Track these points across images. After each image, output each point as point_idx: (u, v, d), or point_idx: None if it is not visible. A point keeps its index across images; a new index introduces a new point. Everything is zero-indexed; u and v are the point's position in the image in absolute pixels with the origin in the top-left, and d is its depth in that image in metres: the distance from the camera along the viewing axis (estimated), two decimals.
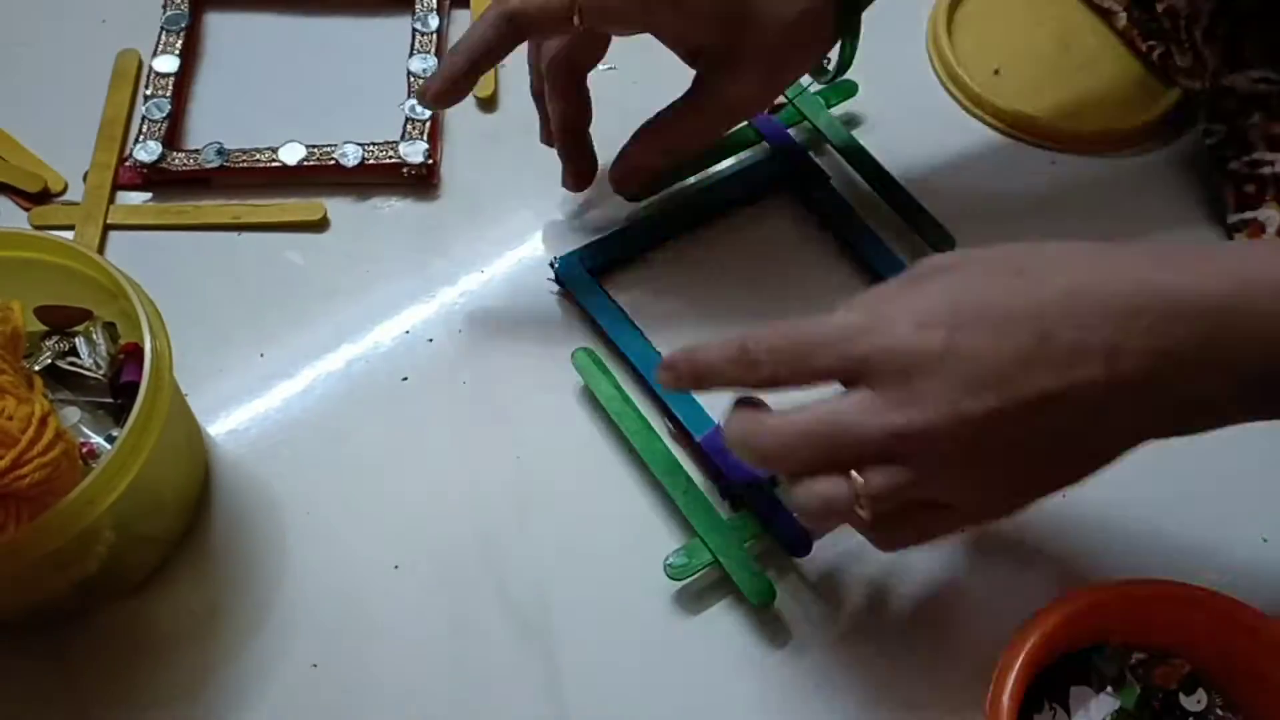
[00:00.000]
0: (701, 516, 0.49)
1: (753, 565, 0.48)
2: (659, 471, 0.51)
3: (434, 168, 0.61)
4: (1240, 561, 0.51)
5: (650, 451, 0.51)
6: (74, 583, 0.46)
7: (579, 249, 0.57)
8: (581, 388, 0.54)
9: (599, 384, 0.53)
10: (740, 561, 0.48)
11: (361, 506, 0.52)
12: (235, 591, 0.49)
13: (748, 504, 0.50)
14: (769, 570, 0.49)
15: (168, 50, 0.63)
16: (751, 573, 0.48)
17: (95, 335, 0.50)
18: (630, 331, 0.55)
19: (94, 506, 0.41)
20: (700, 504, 0.50)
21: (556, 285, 0.57)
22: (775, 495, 0.50)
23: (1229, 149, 0.59)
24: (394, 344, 0.56)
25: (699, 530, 0.49)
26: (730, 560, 0.48)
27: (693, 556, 0.49)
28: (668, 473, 0.51)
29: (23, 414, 0.41)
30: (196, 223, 0.59)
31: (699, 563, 0.49)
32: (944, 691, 0.48)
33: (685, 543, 0.49)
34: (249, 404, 0.54)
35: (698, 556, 0.49)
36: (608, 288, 0.56)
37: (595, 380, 0.53)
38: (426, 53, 0.64)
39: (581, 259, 0.57)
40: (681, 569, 0.48)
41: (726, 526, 0.49)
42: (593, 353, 0.54)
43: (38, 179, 0.59)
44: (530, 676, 0.48)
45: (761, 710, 0.48)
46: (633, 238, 0.58)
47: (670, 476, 0.50)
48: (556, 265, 0.57)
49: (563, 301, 0.57)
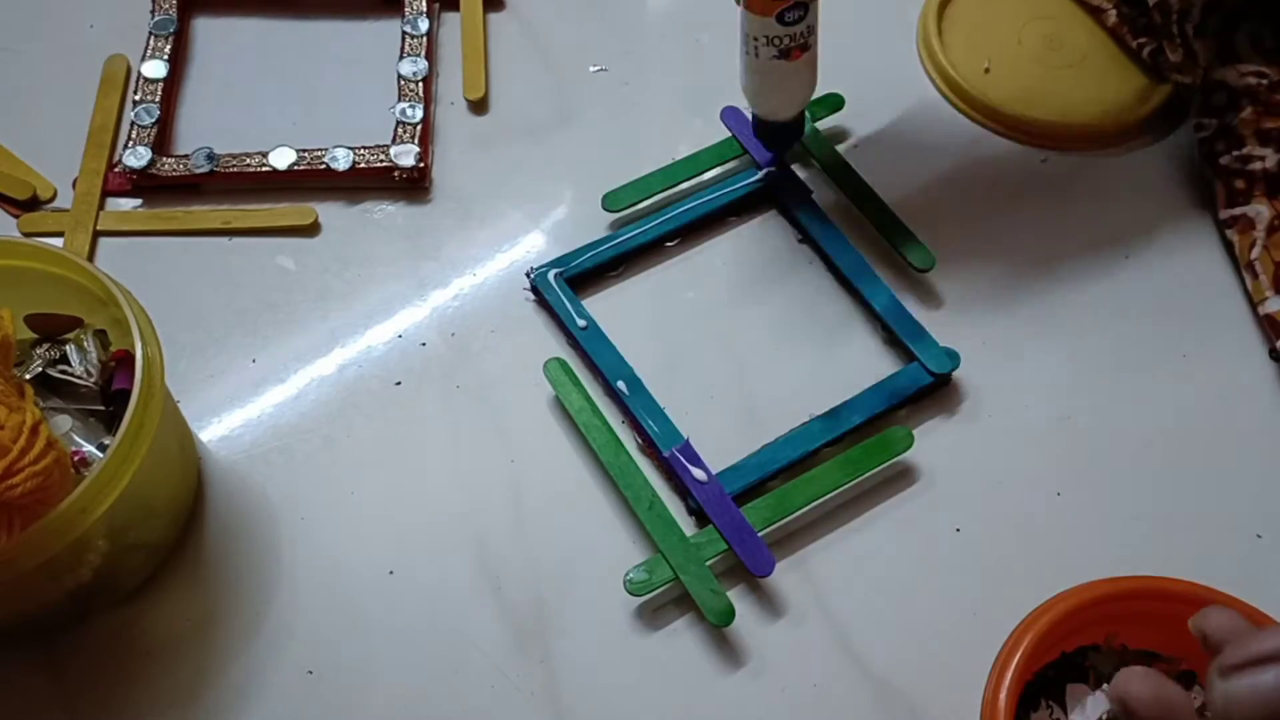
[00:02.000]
0: (664, 532, 0.49)
1: (713, 584, 0.48)
2: (624, 486, 0.50)
3: (425, 171, 0.61)
4: (1235, 558, 0.51)
5: (616, 465, 0.51)
6: (67, 591, 0.46)
7: (556, 259, 0.57)
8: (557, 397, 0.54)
9: (569, 395, 0.53)
10: (701, 579, 0.48)
11: (355, 512, 0.51)
12: (229, 598, 0.49)
13: (712, 521, 0.50)
14: (733, 589, 0.49)
15: (156, 55, 0.63)
16: (712, 591, 0.48)
17: (86, 343, 0.50)
18: (603, 343, 0.54)
19: (86, 515, 0.41)
20: (664, 520, 0.49)
21: (532, 295, 0.57)
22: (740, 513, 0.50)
23: (1219, 144, 0.59)
24: (386, 348, 0.56)
25: (661, 546, 0.49)
26: (691, 578, 0.48)
27: (653, 573, 0.48)
28: (632, 487, 0.50)
29: (14, 423, 0.40)
30: (187, 228, 0.59)
31: (659, 580, 0.48)
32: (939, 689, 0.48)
33: (648, 558, 0.49)
34: (241, 410, 0.54)
35: (659, 573, 0.48)
36: (587, 297, 0.56)
37: (566, 391, 0.53)
38: (416, 56, 0.64)
39: (559, 269, 0.56)
40: (641, 585, 0.48)
41: (689, 544, 0.49)
42: (564, 364, 0.53)
43: (26, 186, 0.59)
44: (526, 680, 0.48)
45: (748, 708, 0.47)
46: (612, 249, 0.58)
47: (635, 491, 0.50)
48: (532, 275, 0.57)
49: (540, 311, 0.57)
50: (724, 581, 0.49)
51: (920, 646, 0.49)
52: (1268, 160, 0.57)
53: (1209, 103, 0.60)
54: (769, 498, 0.50)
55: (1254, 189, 0.58)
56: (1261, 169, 0.58)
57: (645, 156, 0.59)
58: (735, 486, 0.51)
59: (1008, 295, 0.56)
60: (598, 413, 0.52)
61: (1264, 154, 0.58)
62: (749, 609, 0.49)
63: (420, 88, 0.62)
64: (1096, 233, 0.60)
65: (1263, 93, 0.58)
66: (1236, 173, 0.59)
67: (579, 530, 0.51)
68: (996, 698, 0.42)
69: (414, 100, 0.62)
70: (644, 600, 0.49)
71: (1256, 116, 0.58)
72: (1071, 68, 0.65)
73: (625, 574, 0.48)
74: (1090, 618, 0.45)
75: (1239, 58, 0.59)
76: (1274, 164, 0.57)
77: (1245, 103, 0.58)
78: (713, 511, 0.50)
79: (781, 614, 0.49)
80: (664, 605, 0.50)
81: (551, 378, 0.53)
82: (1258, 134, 0.58)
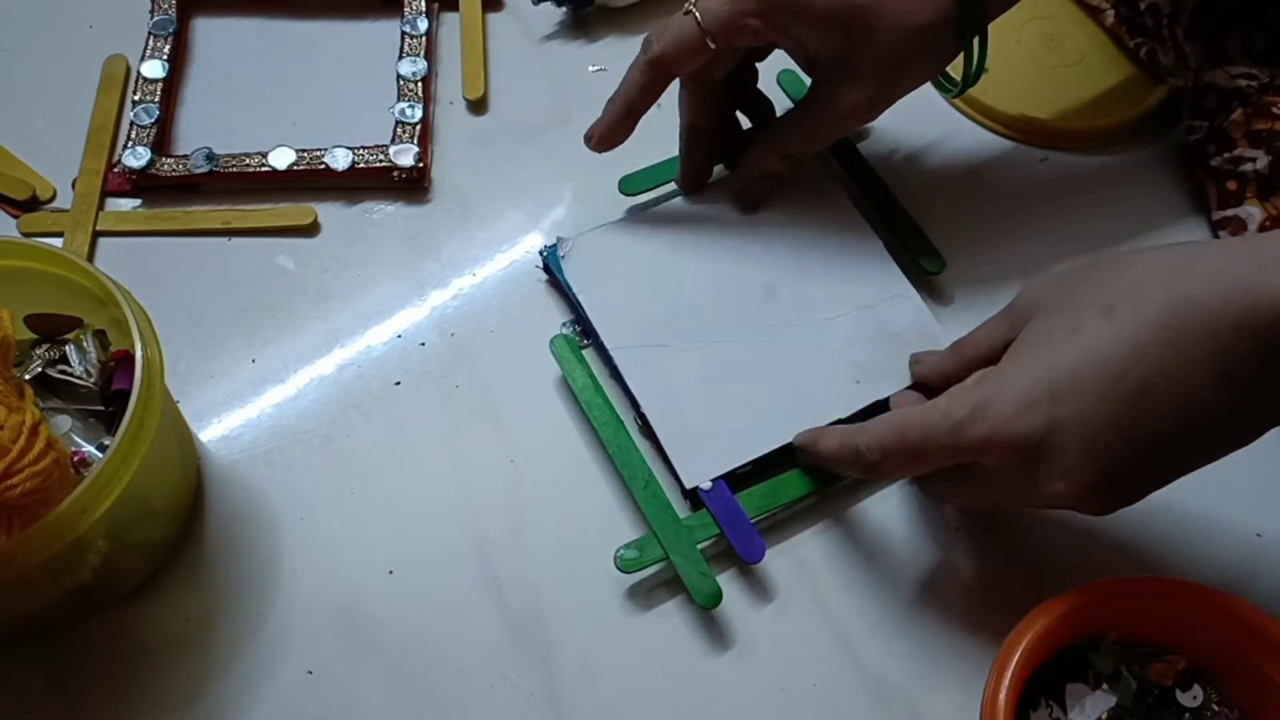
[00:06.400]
0: (658, 512, 0.49)
1: (703, 566, 0.48)
2: (621, 464, 0.51)
3: (424, 171, 0.61)
4: (1235, 557, 0.51)
5: (615, 443, 0.51)
6: (67, 591, 0.46)
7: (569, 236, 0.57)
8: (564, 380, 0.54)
9: (574, 372, 0.53)
10: (691, 561, 0.48)
11: (355, 512, 0.51)
12: (229, 598, 0.49)
13: (706, 505, 0.50)
14: (724, 572, 0.50)
15: (156, 55, 0.63)
16: (701, 573, 0.48)
17: (86, 343, 0.50)
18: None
19: (86, 515, 0.41)
20: (658, 500, 0.50)
21: (544, 274, 0.57)
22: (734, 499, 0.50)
23: (1211, 146, 0.60)
24: (386, 348, 0.56)
25: (654, 526, 0.49)
26: (681, 559, 0.48)
27: (644, 551, 0.49)
28: (629, 466, 0.51)
29: (13, 423, 0.40)
30: (186, 228, 0.59)
31: (649, 558, 0.49)
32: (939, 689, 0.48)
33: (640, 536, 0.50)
34: (241, 410, 0.54)
35: (649, 552, 0.49)
36: None
37: (571, 368, 0.53)
38: (416, 56, 0.63)
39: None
40: (631, 562, 0.49)
41: (681, 525, 0.49)
42: (571, 340, 0.54)
43: (26, 186, 0.59)
44: (526, 680, 0.48)
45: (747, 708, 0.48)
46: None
47: (631, 470, 0.51)
48: (545, 254, 0.57)
49: (551, 293, 0.57)
50: (715, 565, 0.49)
51: (920, 646, 0.49)
52: (1259, 162, 0.58)
53: (1200, 105, 0.60)
54: (764, 486, 0.51)
55: (1245, 190, 0.58)
56: (1253, 170, 0.58)
57: (646, 155, 0.59)
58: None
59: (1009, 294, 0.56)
60: (600, 391, 0.52)
61: (1255, 155, 0.58)
62: (739, 594, 0.50)
63: (419, 88, 0.62)
64: (1094, 232, 0.60)
65: (1253, 95, 0.58)
66: (1228, 174, 0.59)
67: (580, 526, 0.51)
68: (996, 697, 0.42)
69: (413, 100, 0.62)
70: (635, 582, 0.49)
71: (1247, 118, 0.58)
72: (1070, 67, 0.65)
73: (616, 550, 0.48)
74: (1090, 618, 0.45)
75: (1229, 60, 0.59)
76: (1265, 165, 0.57)
77: (1236, 105, 0.58)
78: (707, 496, 0.50)
79: (770, 599, 0.50)
80: (654, 586, 0.50)
81: (557, 354, 0.53)
82: (1248, 136, 0.58)
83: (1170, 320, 0.39)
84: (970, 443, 0.43)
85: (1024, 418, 0.41)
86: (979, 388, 0.43)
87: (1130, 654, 0.47)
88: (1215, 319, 0.38)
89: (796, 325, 0.54)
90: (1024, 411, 0.41)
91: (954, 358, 0.50)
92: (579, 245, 0.56)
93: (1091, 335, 0.41)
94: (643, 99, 0.53)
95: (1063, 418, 0.41)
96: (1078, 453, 0.40)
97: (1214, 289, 0.38)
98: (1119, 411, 0.40)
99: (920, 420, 0.44)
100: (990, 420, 0.42)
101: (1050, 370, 0.41)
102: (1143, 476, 0.42)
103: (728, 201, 0.58)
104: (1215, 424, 0.40)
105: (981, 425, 0.42)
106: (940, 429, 0.43)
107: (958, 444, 0.43)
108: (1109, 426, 0.40)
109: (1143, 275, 0.41)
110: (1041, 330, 0.43)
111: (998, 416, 0.42)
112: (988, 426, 0.42)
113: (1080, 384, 0.40)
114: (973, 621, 0.49)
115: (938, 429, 0.43)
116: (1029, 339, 0.44)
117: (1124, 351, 0.40)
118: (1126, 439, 0.40)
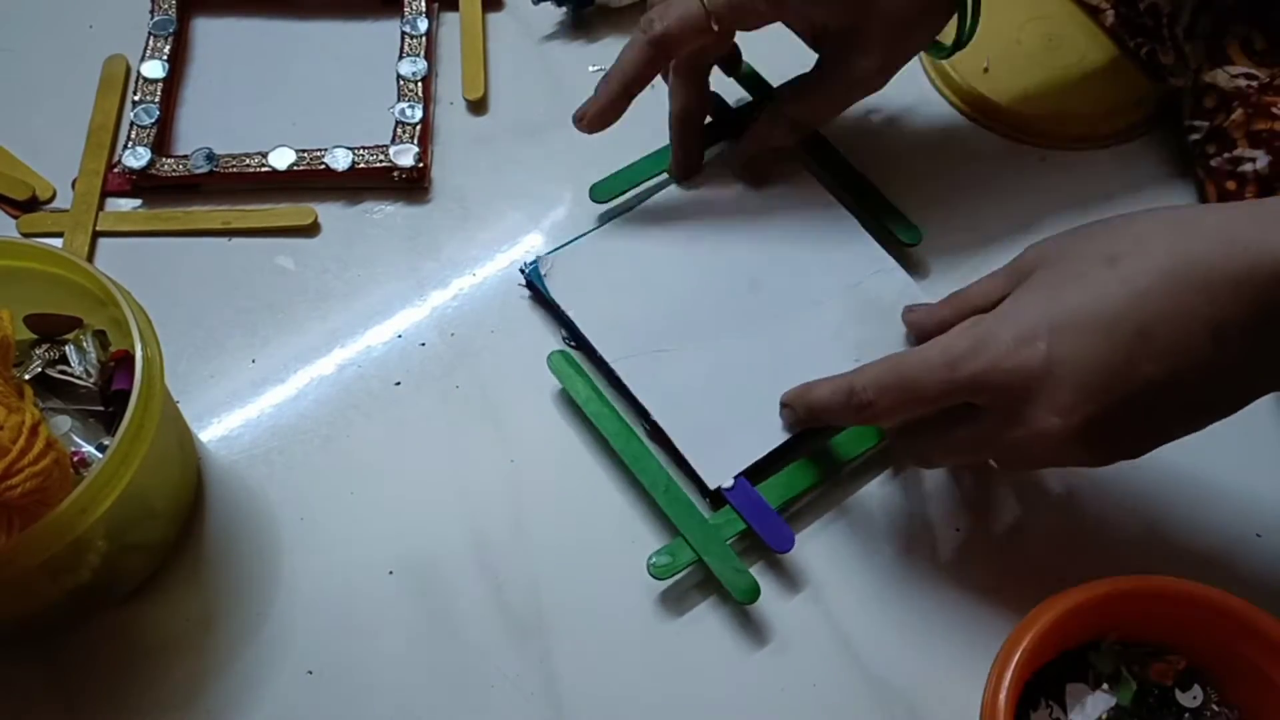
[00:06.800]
0: (683, 515, 0.49)
1: (736, 563, 0.48)
2: (638, 471, 0.51)
3: (424, 171, 0.61)
4: (1234, 557, 0.51)
5: (629, 452, 0.51)
6: (66, 591, 0.46)
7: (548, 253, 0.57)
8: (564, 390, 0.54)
9: (576, 386, 0.53)
10: (724, 559, 0.48)
11: (355, 512, 0.51)
12: (229, 598, 0.49)
13: (728, 502, 0.50)
14: (752, 567, 0.50)
15: (156, 55, 0.63)
16: (735, 570, 0.48)
17: (85, 343, 0.50)
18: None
19: (86, 515, 0.41)
20: (681, 503, 0.50)
21: (527, 290, 0.57)
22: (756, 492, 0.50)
23: (1211, 146, 0.59)
24: (386, 348, 0.56)
25: (681, 529, 0.49)
26: (714, 558, 0.48)
27: (676, 555, 0.49)
28: (647, 472, 0.51)
29: (13, 423, 0.40)
30: (186, 229, 0.59)
31: (682, 561, 0.49)
32: (939, 689, 0.48)
33: (668, 542, 0.49)
34: (241, 410, 0.54)
35: (681, 555, 0.49)
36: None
37: (571, 382, 0.53)
38: (416, 56, 0.63)
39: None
40: (665, 568, 0.48)
41: (708, 525, 0.49)
42: (568, 355, 0.53)
43: (26, 186, 0.59)
44: (526, 680, 0.48)
45: (746, 708, 0.48)
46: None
47: (650, 476, 0.50)
48: (527, 270, 0.56)
49: (537, 309, 0.57)
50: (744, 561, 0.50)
51: (920, 646, 0.49)
52: (1259, 162, 0.58)
53: (1200, 105, 0.60)
54: (779, 477, 0.51)
55: (1245, 190, 0.58)
56: (1253, 170, 0.58)
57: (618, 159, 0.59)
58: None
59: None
60: (605, 401, 0.52)
61: (1255, 155, 0.58)
62: (771, 586, 0.50)
63: (419, 88, 0.62)
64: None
65: (1253, 95, 0.58)
66: (1228, 174, 0.59)
67: (580, 525, 0.51)
68: (996, 697, 0.42)
69: (413, 100, 0.62)
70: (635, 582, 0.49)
71: (1247, 119, 0.58)
72: (1070, 67, 0.65)
73: (648, 559, 0.48)
74: (1090, 618, 0.45)
75: (1229, 60, 0.59)
76: (1265, 165, 0.57)
77: (1236, 105, 0.58)
78: (730, 494, 0.50)
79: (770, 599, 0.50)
80: (687, 589, 0.50)
81: (556, 370, 0.53)
82: (1249, 136, 0.58)
83: (1172, 271, 0.39)
84: (967, 376, 0.43)
85: (1022, 351, 0.41)
86: (978, 325, 0.44)
87: (1130, 654, 0.47)
88: (1215, 275, 0.39)
89: (787, 312, 0.55)
90: (1022, 345, 0.41)
91: (951, 307, 0.50)
92: (559, 262, 0.56)
93: (1094, 281, 0.41)
94: (639, 79, 0.52)
95: (1061, 353, 0.41)
96: (1072, 389, 0.41)
97: (1215, 246, 0.39)
98: (1115, 352, 0.40)
99: (917, 356, 0.44)
100: (988, 354, 0.42)
101: (1051, 310, 0.42)
102: (1136, 426, 0.42)
103: (717, 186, 0.58)
104: (1210, 380, 0.40)
105: (979, 359, 0.42)
106: (937, 363, 0.43)
107: (954, 378, 0.43)
108: (1105, 365, 0.40)
109: (1147, 230, 0.42)
110: (1044, 277, 0.43)
111: (996, 351, 0.42)
112: (986, 360, 0.42)
113: (1080, 323, 0.41)
114: (973, 622, 0.49)
115: (935, 363, 0.43)
116: (1031, 284, 0.44)
117: (1125, 297, 0.40)
118: (1121, 381, 0.40)
